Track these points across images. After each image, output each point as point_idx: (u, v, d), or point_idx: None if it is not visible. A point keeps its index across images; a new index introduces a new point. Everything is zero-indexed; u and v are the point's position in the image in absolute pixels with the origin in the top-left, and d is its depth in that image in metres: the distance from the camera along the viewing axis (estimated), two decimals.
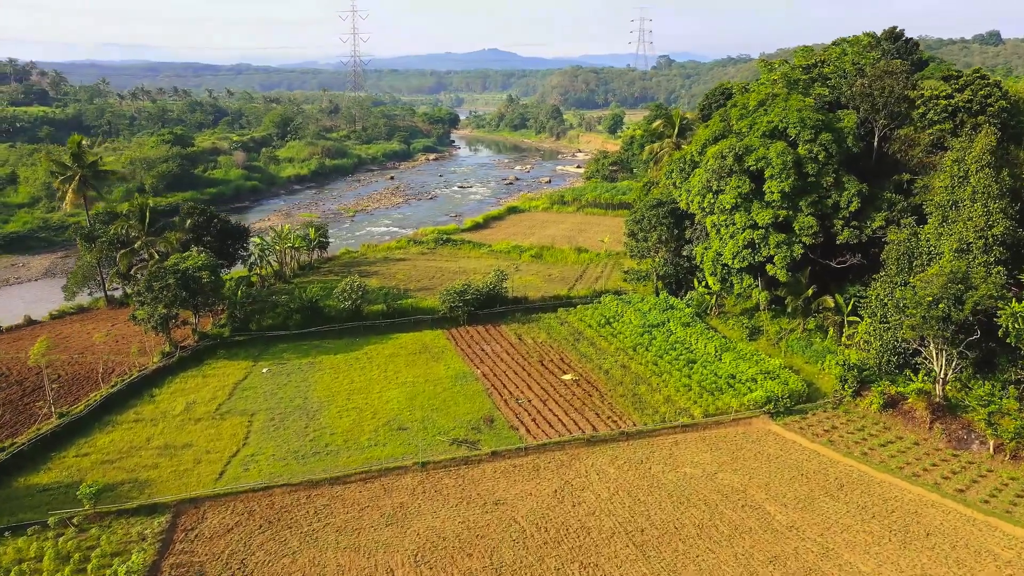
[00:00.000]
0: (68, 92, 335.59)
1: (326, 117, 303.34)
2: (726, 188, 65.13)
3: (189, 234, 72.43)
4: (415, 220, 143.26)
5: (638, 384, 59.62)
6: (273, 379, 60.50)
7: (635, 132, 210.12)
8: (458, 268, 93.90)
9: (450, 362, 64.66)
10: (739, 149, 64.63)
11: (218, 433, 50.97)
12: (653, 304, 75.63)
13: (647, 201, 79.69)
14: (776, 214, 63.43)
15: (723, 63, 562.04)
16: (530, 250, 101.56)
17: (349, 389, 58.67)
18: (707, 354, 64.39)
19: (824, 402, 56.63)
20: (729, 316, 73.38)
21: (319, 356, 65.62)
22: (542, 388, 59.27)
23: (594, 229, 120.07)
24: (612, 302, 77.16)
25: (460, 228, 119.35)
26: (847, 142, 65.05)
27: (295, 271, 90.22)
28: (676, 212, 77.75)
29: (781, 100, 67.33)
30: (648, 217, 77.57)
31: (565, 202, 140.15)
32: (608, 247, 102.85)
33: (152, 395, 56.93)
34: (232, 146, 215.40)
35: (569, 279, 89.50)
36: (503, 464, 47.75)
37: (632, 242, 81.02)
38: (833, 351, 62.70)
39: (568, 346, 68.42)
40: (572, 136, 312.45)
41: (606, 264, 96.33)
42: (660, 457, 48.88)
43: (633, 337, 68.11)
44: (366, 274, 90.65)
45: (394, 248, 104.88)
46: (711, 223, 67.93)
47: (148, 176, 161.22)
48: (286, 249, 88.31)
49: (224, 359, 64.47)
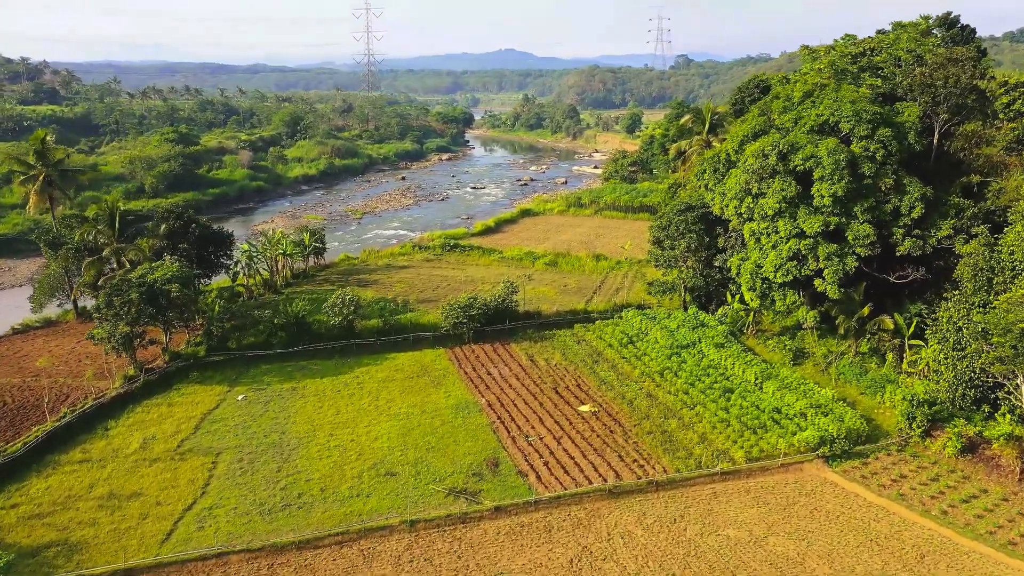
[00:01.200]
0: (79, 91, 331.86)
1: (338, 116, 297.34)
2: (768, 191, 56.84)
3: (163, 241, 65.12)
4: (425, 222, 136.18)
5: (667, 418, 51.45)
6: (248, 408, 52.93)
7: (655, 131, 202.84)
8: (465, 277, 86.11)
9: (451, 388, 56.82)
10: (783, 147, 56.33)
11: (175, 478, 43.41)
12: (681, 320, 67.40)
13: (674, 205, 71.47)
14: (826, 221, 55.04)
15: (743, 62, 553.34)
16: (544, 257, 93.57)
17: (333, 422, 50.97)
18: (746, 382, 56.11)
19: (887, 443, 48.18)
20: (768, 335, 65.04)
21: (303, 380, 57.99)
22: (556, 422, 51.26)
23: (613, 234, 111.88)
24: (635, 318, 69.01)
25: (469, 232, 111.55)
26: (908, 138, 56.56)
27: (288, 280, 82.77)
28: (707, 217, 69.49)
29: (831, 91, 58.88)
30: (676, 223, 69.35)
31: (582, 204, 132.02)
32: (629, 254, 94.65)
33: (106, 428, 49.48)
34: (240, 145, 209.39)
35: (586, 290, 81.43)
36: (509, 523, 39.79)
37: (657, 250, 72.82)
38: (893, 380, 54.22)
39: (586, 369, 60.38)
40: (589, 136, 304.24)
41: (627, 273, 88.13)
42: (697, 514, 40.72)
43: (660, 360, 59.97)
44: (365, 283, 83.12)
45: (397, 254, 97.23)
46: (750, 231, 59.64)
47: (148, 176, 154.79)
48: (277, 256, 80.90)
49: (196, 383, 56.99)
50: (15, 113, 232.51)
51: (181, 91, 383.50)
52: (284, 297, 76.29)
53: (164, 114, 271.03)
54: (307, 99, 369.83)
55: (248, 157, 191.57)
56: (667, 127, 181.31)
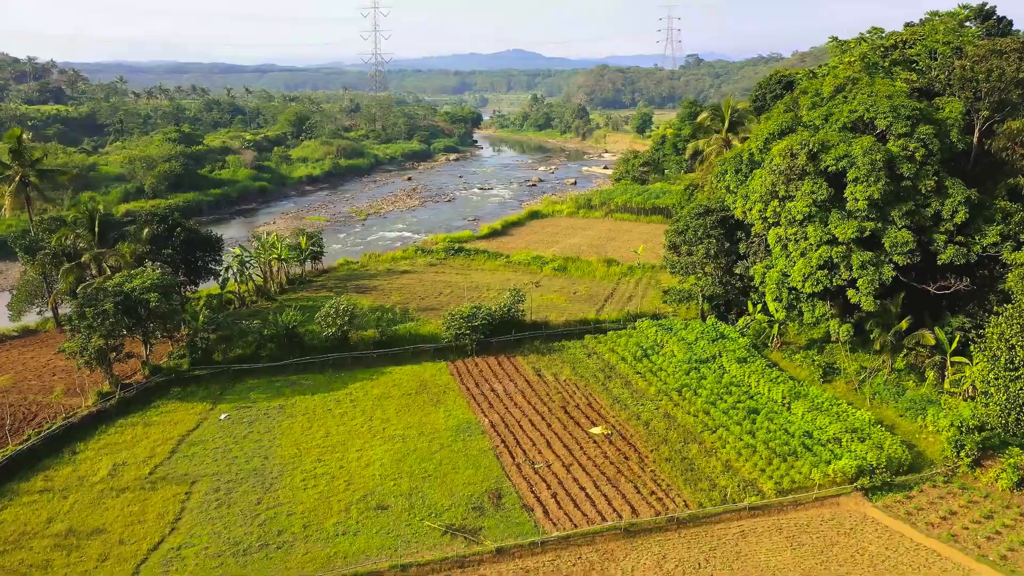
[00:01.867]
0: (84, 91, 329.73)
1: (345, 116, 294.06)
2: (796, 194, 52.21)
3: (146, 246, 61.06)
4: (430, 224, 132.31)
5: (687, 442, 46.92)
6: (231, 429, 48.73)
7: (666, 131, 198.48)
8: (470, 283, 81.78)
9: (452, 407, 52.47)
10: (813, 145, 51.68)
11: (143, 511, 39.22)
12: (700, 332, 62.85)
13: (692, 208, 66.89)
14: (861, 226, 50.35)
15: (754, 62, 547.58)
16: (553, 262, 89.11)
17: (322, 445, 46.70)
18: (772, 401, 51.54)
19: (932, 473, 43.50)
20: (793, 349, 60.39)
21: (292, 397, 53.74)
22: (565, 446, 46.82)
23: (624, 237, 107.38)
24: (650, 328, 64.52)
25: (475, 235, 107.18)
26: (951, 136, 51.85)
27: (283, 286, 78.64)
28: (727, 221, 64.92)
29: (864, 85, 54.24)
30: (694, 227, 64.80)
31: (592, 206, 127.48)
32: (642, 259, 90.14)
33: (74, 452, 45.36)
34: (244, 145, 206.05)
35: (597, 297, 76.95)
36: (512, 567, 35.37)
37: (673, 256, 68.32)
38: (935, 401, 49.54)
39: (597, 386, 55.92)
40: (598, 136, 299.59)
41: (640, 279, 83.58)
42: (724, 557, 36.20)
43: (677, 376, 55.45)
44: (364, 289, 78.92)
45: (399, 258, 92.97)
46: (775, 237, 55.03)
47: (149, 176, 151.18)
48: (272, 261, 76.76)
49: (177, 400, 52.83)
50: (19, 113, 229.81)
51: (188, 91, 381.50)
52: (277, 304, 72.19)
53: (169, 114, 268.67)
54: (314, 99, 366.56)
55: (252, 157, 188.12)
56: (679, 126, 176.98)
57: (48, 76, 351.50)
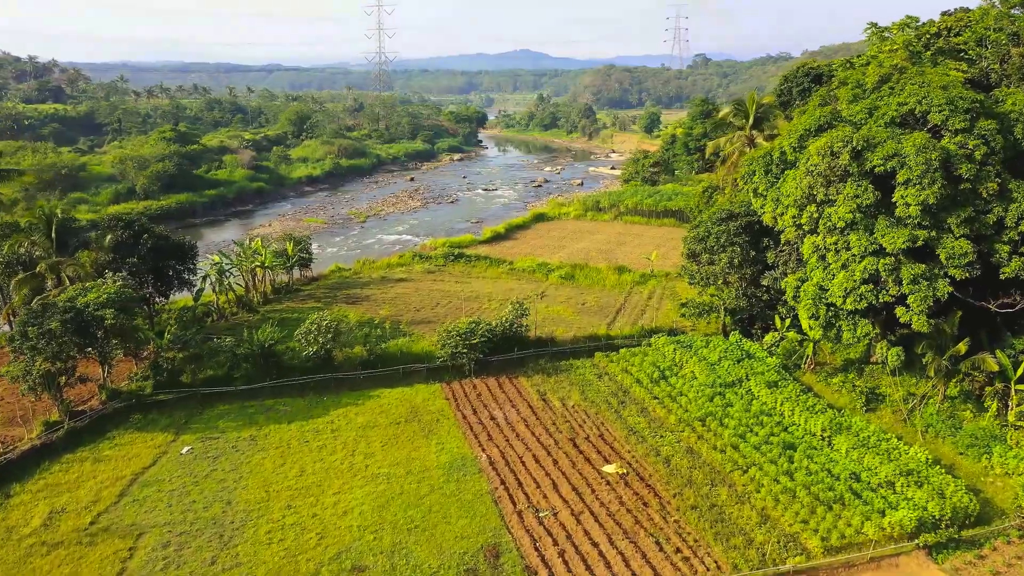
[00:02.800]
0: (85, 90, 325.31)
1: (349, 115, 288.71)
2: (838, 198, 45.90)
3: (109, 254, 55.13)
4: (431, 227, 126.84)
5: (715, 485, 40.69)
6: (192, 465, 42.71)
7: (676, 130, 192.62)
8: (470, 292, 75.65)
9: (446, 438, 46.34)
10: (857, 143, 45.34)
11: (74, 574, 33.24)
12: (723, 350, 56.56)
13: (713, 213, 60.59)
14: (913, 235, 43.99)
15: (762, 62, 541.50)
16: (559, 269, 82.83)
17: (295, 487, 40.62)
18: (811, 435, 45.23)
19: (1005, 526, 37.12)
20: (829, 371, 54.03)
21: (266, 426, 47.66)
22: (574, 488, 40.65)
23: (635, 241, 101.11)
24: (667, 346, 58.29)
25: (476, 240, 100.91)
26: (1015, 132, 45.46)
27: (267, 297, 72.54)
28: (752, 227, 58.72)
29: (914, 75, 47.85)
30: (716, 234, 58.53)
31: (600, 208, 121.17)
32: (655, 266, 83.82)
33: (7, 495, 39.35)
34: (243, 144, 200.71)
35: (608, 309, 70.71)
36: None
37: (692, 265, 62.05)
38: (999, 437, 43.16)
39: (610, 413, 49.69)
40: (605, 136, 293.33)
41: (654, 289, 77.25)
42: None
43: (700, 402, 49.19)
44: (355, 299, 72.87)
45: (395, 265, 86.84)
46: (812, 246, 48.70)
47: (141, 176, 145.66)
48: (255, 269, 70.73)
49: (135, 430, 46.84)
50: (15, 112, 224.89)
51: (189, 90, 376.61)
52: (259, 317, 66.18)
53: (169, 113, 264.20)
54: (318, 98, 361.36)
55: (249, 157, 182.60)
56: (691, 125, 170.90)
57: (49, 75, 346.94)
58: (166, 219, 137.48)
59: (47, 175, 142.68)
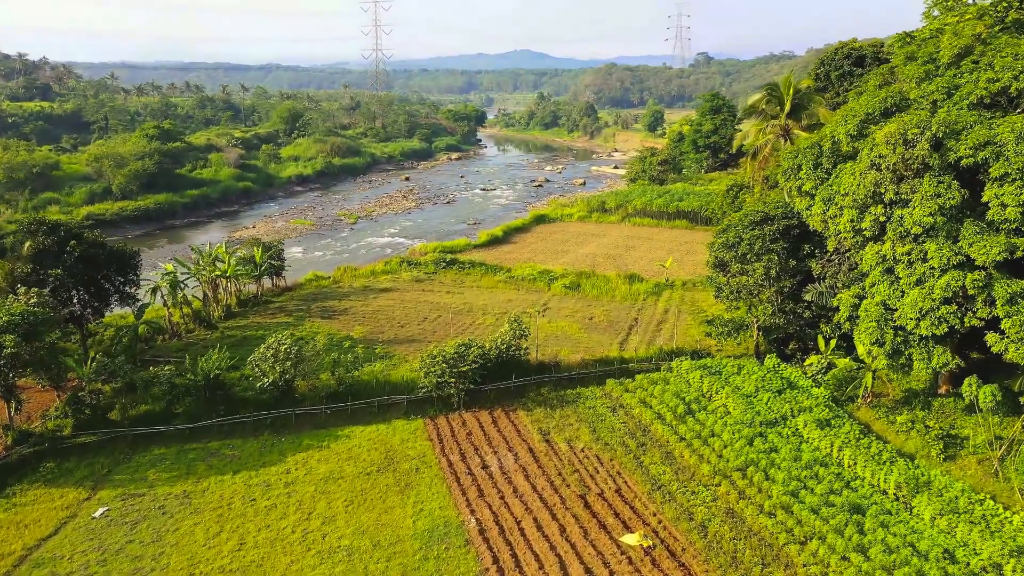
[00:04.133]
0: (73, 87, 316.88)
1: (345, 114, 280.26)
2: (913, 197, 37.04)
3: (28, 264, 46.29)
4: (425, 228, 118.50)
5: (767, 564, 31.72)
6: (104, 534, 33.81)
7: (682, 127, 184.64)
8: (462, 304, 66.79)
9: (426, 495, 37.41)
10: (938, 129, 36.53)
11: None
12: (759, 379, 47.61)
13: (745, 215, 51.62)
14: (1010, 244, 35.16)
15: (766, 60, 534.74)
16: (563, 278, 73.85)
17: (229, 568, 31.67)
18: (881, 493, 36.27)
19: None
20: (889, 405, 44.95)
21: (206, 479, 38.75)
22: (587, 570, 31.71)
23: (645, 246, 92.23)
24: (692, 372, 49.37)
25: (472, 244, 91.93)
26: None
27: (230, 310, 63.56)
28: (791, 232, 49.88)
29: (1006, 45, 38.99)
30: (749, 240, 49.65)
31: (606, 209, 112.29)
32: (671, 273, 74.92)
33: None
34: (231, 143, 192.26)
35: (619, 325, 61.80)
36: None
37: (720, 277, 53.12)
38: None
39: (628, 459, 40.78)
40: (607, 135, 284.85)
41: (670, 301, 68.31)
42: None
43: (738, 446, 40.23)
44: (331, 313, 64.00)
45: (380, 273, 77.81)
46: (876, 255, 39.79)
47: (118, 175, 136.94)
48: (216, 279, 61.79)
49: (43, 483, 37.94)
50: None
51: (182, 88, 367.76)
52: (219, 335, 57.24)
53: (159, 111, 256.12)
54: (315, 97, 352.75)
55: (236, 155, 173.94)
56: (700, 121, 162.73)
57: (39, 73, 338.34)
58: (144, 220, 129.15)
59: (19, 174, 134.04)
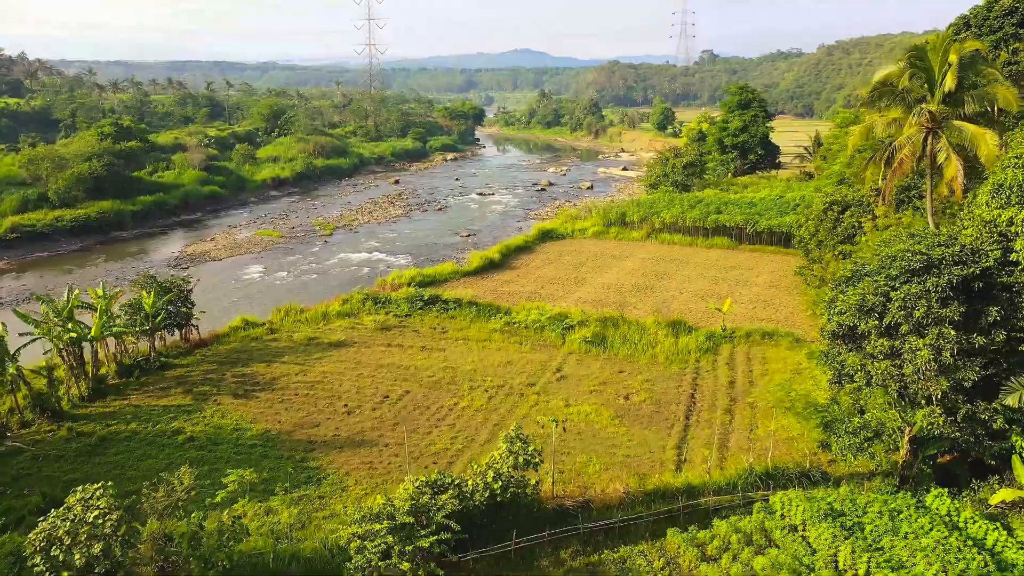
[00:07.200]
0: (45, 83, 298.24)
1: (336, 112, 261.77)
2: None
3: None
4: (410, 241, 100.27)
5: None
6: None
7: (701, 125, 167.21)
8: (441, 368, 47.01)
9: None
10: None
11: None
12: (927, 534, 27.81)
13: (892, 258, 31.55)
14: None
15: (772, 57, 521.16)
16: (582, 327, 53.62)
17: None
18: None
19: None
20: None
21: None
22: None
23: (682, 273, 72.50)
24: (816, 525, 29.49)
25: (460, 271, 71.60)
26: None
27: (101, 384, 43.61)
28: (969, 286, 30.18)
29: None
30: (901, 300, 29.88)
31: (627, 223, 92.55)
32: (728, 319, 55.06)
33: None
34: (203, 142, 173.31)
35: (669, 409, 41.90)
36: None
37: (849, 356, 33.09)
38: None
39: None
40: (613, 134, 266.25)
41: (733, 363, 48.35)
42: None
43: None
44: (253, 385, 44.18)
45: (333, 316, 57.44)
46: None
47: (58, 179, 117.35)
48: (81, 341, 42.00)
49: None
50: None
51: (163, 84, 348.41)
52: (64, 432, 37.46)
53: (134, 108, 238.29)
54: (306, 94, 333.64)
55: (203, 156, 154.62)
56: (726, 118, 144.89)
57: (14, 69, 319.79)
58: (84, 232, 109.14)
59: None
